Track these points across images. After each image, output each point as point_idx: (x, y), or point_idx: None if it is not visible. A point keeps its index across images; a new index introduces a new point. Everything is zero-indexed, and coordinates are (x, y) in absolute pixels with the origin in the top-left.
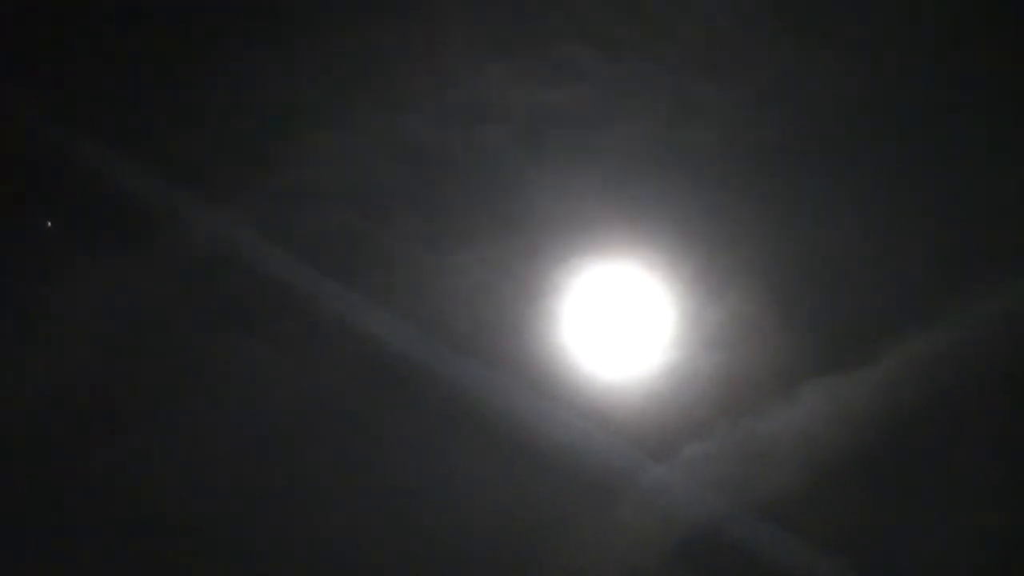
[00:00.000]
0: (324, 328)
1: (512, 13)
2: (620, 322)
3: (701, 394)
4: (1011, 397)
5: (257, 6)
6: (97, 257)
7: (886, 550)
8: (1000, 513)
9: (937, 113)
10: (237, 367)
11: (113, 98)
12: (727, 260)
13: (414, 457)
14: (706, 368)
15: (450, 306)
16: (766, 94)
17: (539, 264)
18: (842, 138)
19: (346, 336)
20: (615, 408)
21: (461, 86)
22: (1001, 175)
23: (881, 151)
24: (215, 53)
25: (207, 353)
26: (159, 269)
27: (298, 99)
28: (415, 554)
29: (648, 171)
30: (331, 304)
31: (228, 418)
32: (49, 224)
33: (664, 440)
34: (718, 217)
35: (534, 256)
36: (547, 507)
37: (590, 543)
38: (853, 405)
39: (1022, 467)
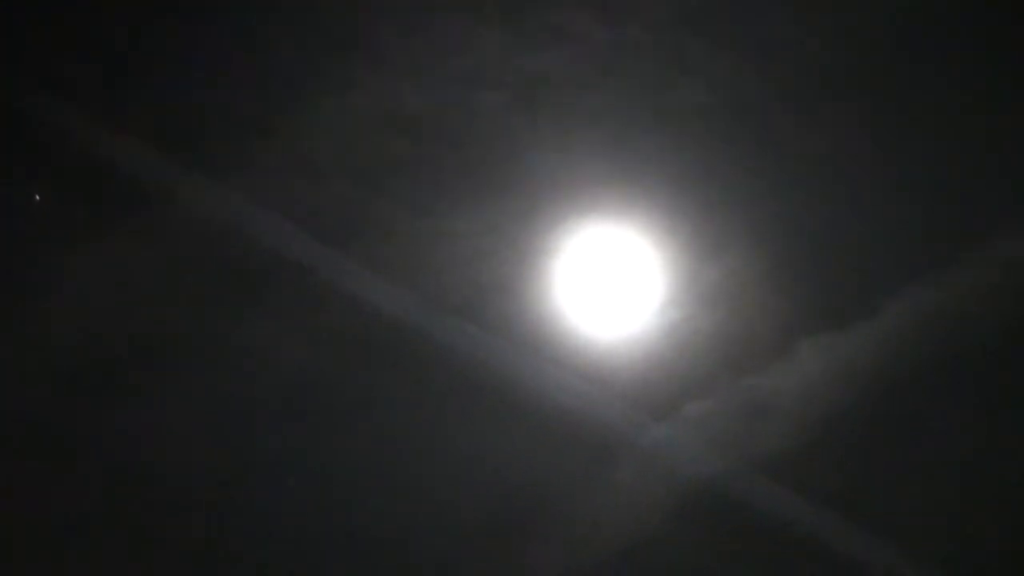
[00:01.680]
0: (321, 296)
1: None
2: (618, 283)
3: (700, 352)
4: (1012, 351)
5: None
6: (90, 230)
7: (887, 505)
8: (1002, 468)
9: (935, 68)
10: (233, 337)
11: (104, 68)
12: (724, 219)
13: (413, 423)
14: (705, 327)
15: (448, 271)
16: (762, 53)
17: (536, 227)
18: (839, 95)
19: (343, 304)
20: (614, 368)
21: (455, 53)
22: (1000, 128)
23: (879, 108)
24: (209, 22)
25: (203, 324)
26: (153, 241)
27: (293, 68)
28: (415, 518)
29: (644, 133)
30: (328, 272)
31: (225, 388)
32: (38, 198)
33: (664, 399)
34: (715, 176)
35: (531, 220)
36: (547, 468)
37: (591, 503)
38: (853, 361)
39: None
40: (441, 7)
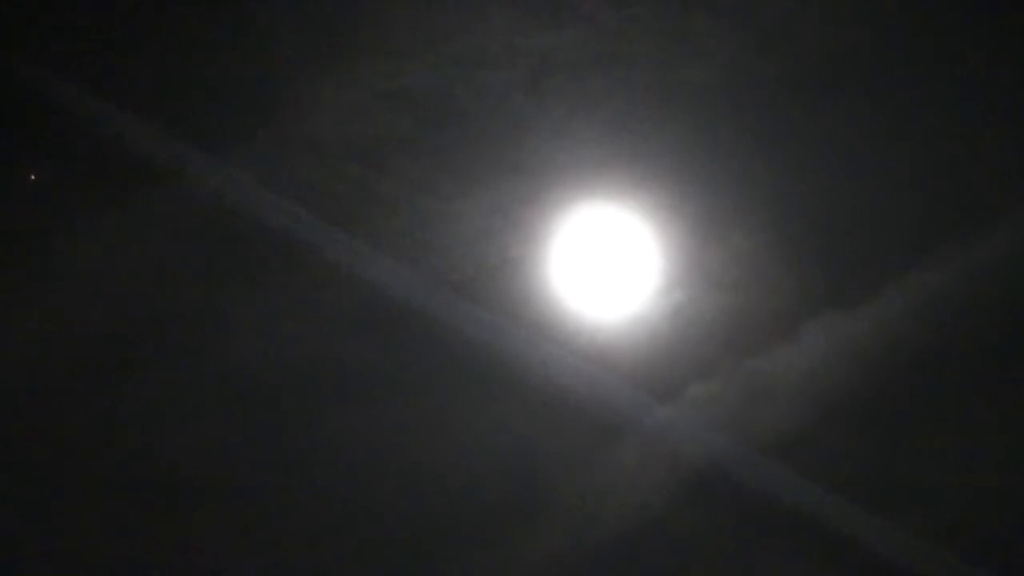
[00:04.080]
0: (326, 276)
1: None
2: (622, 264)
3: (704, 334)
4: (1013, 331)
5: None
6: (94, 209)
7: (891, 486)
8: (1006, 449)
9: (941, 48)
10: (238, 316)
11: (109, 45)
12: (729, 200)
13: (417, 402)
14: (709, 308)
15: (453, 252)
16: (767, 33)
17: (541, 208)
18: (844, 75)
19: (348, 283)
20: (618, 350)
21: (462, 32)
22: (1005, 110)
23: (884, 88)
24: (214, 1)
25: (208, 303)
26: (158, 220)
27: (298, 47)
28: (419, 498)
29: (650, 113)
30: (333, 252)
31: (230, 367)
32: (32, 178)
33: (668, 381)
34: (720, 158)
35: (536, 200)
36: (551, 449)
37: (595, 484)
38: (857, 342)
39: None
40: None
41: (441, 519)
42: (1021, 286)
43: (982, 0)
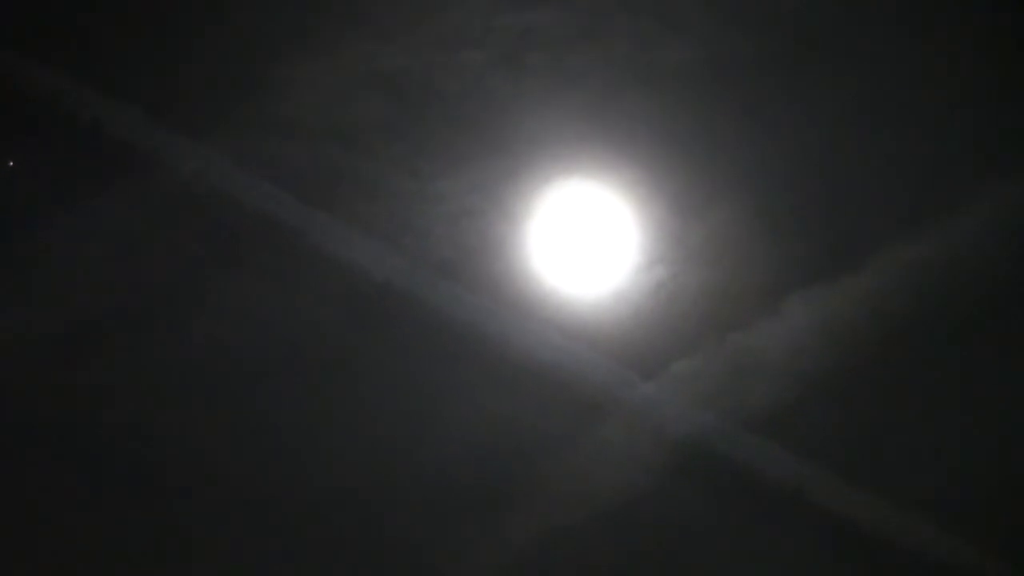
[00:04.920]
0: (307, 258)
1: None
2: (604, 241)
3: (687, 310)
4: (999, 304)
5: None
6: (71, 193)
7: (876, 461)
8: (989, 423)
9: (925, 21)
10: (220, 299)
11: (85, 28)
12: (710, 176)
13: (400, 383)
14: (692, 284)
15: (434, 232)
16: (747, 11)
17: (522, 187)
18: (825, 51)
19: (330, 265)
20: (601, 327)
21: (440, 12)
22: (989, 83)
23: (863, 64)
24: None
25: (188, 286)
26: (136, 203)
27: (277, 29)
28: (402, 479)
29: (629, 91)
30: (314, 234)
31: (212, 350)
32: (11, 164)
33: (651, 357)
34: (700, 134)
35: (516, 179)
36: (535, 428)
37: (579, 462)
38: (841, 316)
39: (1012, 376)
40: None
41: (425, 498)
42: (1002, 260)
43: None
